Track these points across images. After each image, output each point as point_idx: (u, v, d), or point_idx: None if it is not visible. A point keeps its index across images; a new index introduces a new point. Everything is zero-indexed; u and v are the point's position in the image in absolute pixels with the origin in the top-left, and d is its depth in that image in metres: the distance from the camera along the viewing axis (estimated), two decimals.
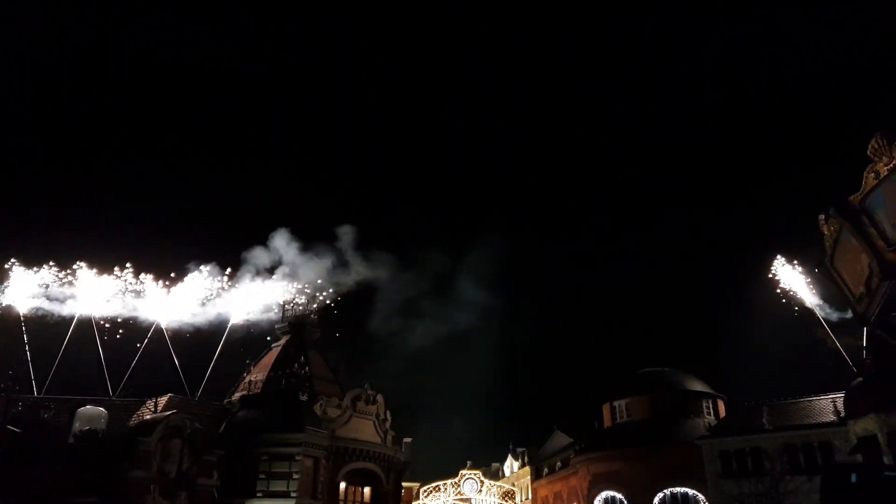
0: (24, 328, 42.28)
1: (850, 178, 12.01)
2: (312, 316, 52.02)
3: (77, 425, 32.22)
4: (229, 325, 48.92)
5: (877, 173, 10.94)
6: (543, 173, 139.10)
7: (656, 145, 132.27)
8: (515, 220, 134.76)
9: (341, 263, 56.23)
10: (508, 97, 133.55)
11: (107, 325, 44.80)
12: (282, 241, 53.73)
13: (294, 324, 50.81)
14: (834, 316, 43.44)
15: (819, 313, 43.58)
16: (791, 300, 44.56)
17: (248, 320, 50.25)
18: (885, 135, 10.74)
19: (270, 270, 52.53)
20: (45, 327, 43.61)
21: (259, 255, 52.66)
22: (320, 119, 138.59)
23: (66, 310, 44.59)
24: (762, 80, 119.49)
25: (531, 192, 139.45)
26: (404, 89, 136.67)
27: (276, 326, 51.61)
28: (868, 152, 11.09)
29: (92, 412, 33.55)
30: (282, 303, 52.20)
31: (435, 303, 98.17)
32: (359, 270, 57.20)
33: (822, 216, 12.69)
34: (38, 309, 43.77)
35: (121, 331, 45.28)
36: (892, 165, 10.58)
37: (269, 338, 51.52)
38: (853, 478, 3.10)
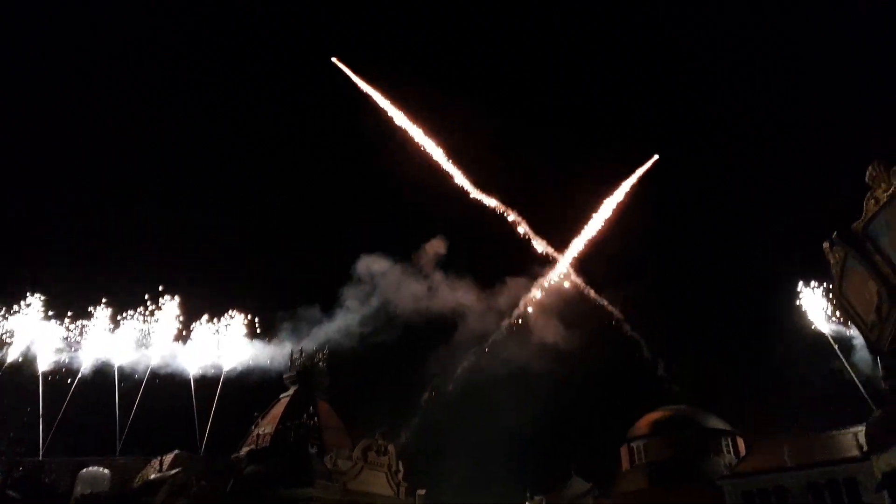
0: (40, 385, 41.44)
1: (852, 205, 11.83)
2: (321, 364, 51.34)
3: (78, 489, 31.56)
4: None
5: (877, 199, 10.72)
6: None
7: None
8: None
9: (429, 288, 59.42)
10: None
11: (135, 376, 44.79)
12: (369, 266, 57.60)
13: (302, 373, 50.11)
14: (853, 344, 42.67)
15: (837, 342, 42.81)
16: (810, 331, 44.08)
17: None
18: (882, 161, 10.62)
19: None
20: (61, 383, 42.98)
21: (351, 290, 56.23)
22: None
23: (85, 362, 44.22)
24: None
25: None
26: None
27: (285, 376, 50.81)
28: (866, 179, 10.94)
29: (94, 474, 32.90)
30: (290, 352, 51.79)
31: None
32: (445, 296, 59.58)
33: (826, 244, 12.57)
34: (58, 362, 43.05)
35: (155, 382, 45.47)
36: (891, 191, 10.35)
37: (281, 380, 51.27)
38: None
